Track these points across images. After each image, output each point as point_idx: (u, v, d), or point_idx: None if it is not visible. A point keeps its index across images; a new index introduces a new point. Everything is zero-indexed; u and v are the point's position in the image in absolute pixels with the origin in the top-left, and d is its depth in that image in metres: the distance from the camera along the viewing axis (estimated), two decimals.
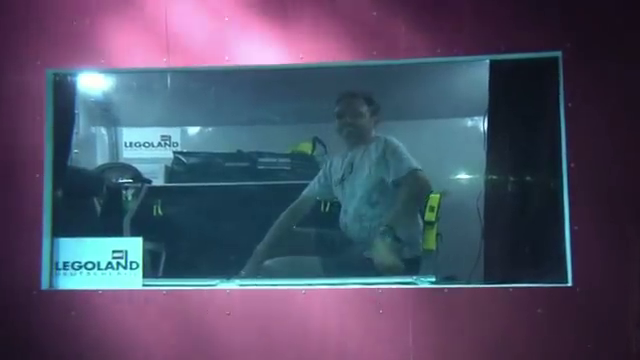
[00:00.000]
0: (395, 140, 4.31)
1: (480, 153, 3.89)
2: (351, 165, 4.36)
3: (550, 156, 3.58)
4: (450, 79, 4.95)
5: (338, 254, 4.24)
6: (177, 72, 4.25)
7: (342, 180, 4.41)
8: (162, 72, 4.33)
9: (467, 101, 4.88)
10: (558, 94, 3.47)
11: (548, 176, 3.63)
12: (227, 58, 3.62)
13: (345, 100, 4.41)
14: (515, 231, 3.72)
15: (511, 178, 3.77)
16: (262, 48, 3.62)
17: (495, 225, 3.78)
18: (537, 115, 3.66)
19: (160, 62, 3.64)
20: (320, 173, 4.63)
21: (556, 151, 3.48)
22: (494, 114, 3.81)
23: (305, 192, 4.57)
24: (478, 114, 4.40)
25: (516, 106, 3.73)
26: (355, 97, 4.40)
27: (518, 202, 3.73)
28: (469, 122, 5.46)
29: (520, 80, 3.69)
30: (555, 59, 3.48)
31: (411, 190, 4.15)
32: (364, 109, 4.37)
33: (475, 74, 4.27)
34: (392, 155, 4.23)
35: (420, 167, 4.19)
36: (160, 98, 5.36)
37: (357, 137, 4.40)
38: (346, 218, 4.35)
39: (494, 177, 3.82)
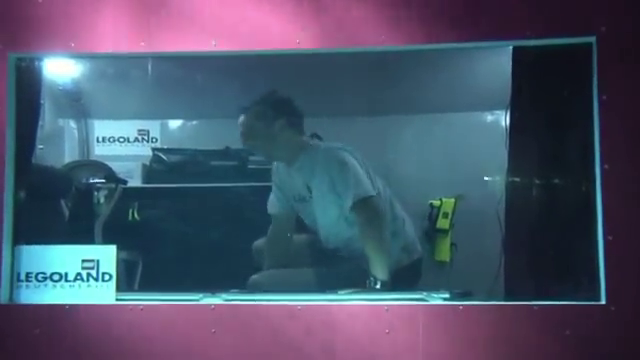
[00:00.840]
0: (336, 152, 4.14)
1: (501, 152, 3.88)
2: (307, 187, 4.24)
3: (581, 156, 3.57)
4: (468, 68, 4.95)
5: (333, 266, 4.22)
6: (157, 58, 4.23)
7: (302, 200, 4.32)
8: (140, 58, 4.32)
9: (487, 93, 4.87)
10: (591, 85, 3.45)
11: (579, 179, 3.62)
12: (214, 43, 3.60)
13: (240, 120, 4.29)
14: (540, 241, 3.70)
15: (536, 181, 3.76)
16: (254, 31, 3.60)
17: (518, 234, 3.77)
18: (566, 109, 3.65)
19: (138, 46, 3.62)
20: (273, 186, 4.51)
21: (588, 150, 3.46)
22: (517, 108, 3.80)
23: (272, 210, 4.46)
24: (499, 108, 4.39)
25: (542, 99, 3.72)
26: (247, 112, 4.27)
27: (544, 208, 3.72)
28: (489, 117, 5.44)
29: (547, 69, 3.68)
30: (588, 45, 3.46)
31: (364, 228, 4.03)
32: (259, 123, 4.23)
33: (496, 62, 4.27)
34: (337, 177, 4.09)
35: (367, 192, 4.04)
36: (138, 87, 5.35)
37: (272, 155, 4.33)
38: (330, 244, 4.32)
39: (517, 179, 3.81)
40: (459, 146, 5.35)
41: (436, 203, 4.88)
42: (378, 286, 3.91)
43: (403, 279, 4.02)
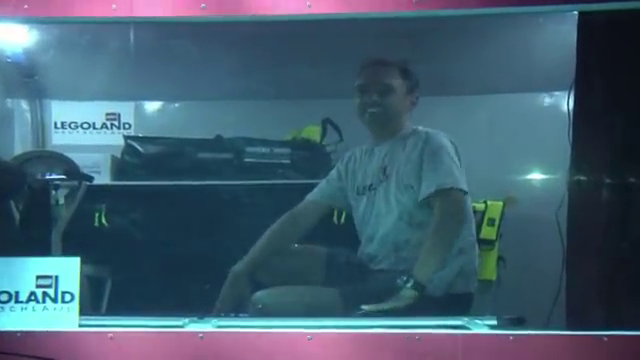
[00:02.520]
0: (440, 137, 4.28)
1: (562, 143, 3.89)
2: (383, 170, 4.35)
3: None
4: (520, 39, 4.94)
5: (359, 286, 4.23)
6: (133, 25, 4.23)
7: (369, 189, 4.40)
8: (110, 24, 4.32)
9: (544, 70, 4.88)
10: None
11: None
12: (204, 6, 3.61)
13: (370, 69, 4.40)
14: (612, 255, 3.70)
15: (607, 179, 3.75)
16: None
17: (583, 246, 3.77)
18: None
19: (108, 10, 3.62)
20: (333, 171, 4.61)
21: None
22: (583, 89, 3.81)
23: (311, 196, 4.55)
24: (560, 88, 4.39)
25: (616, 78, 3.71)
26: (385, 66, 4.39)
27: (617, 214, 3.72)
28: (546, 99, 5.45)
29: (622, 41, 3.67)
30: None
31: (438, 221, 4.11)
32: (397, 83, 4.36)
33: (557, 32, 4.26)
34: (429, 160, 4.22)
35: (459, 185, 4.15)
36: (106, 61, 5.35)
37: (385, 123, 4.39)
38: (371, 247, 4.34)
39: (582, 178, 3.82)
40: (508, 136, 5.36)
41: (479, 207, 4.85)
42: (409, 285, 3.93)
43: (448, 309, 4.01)
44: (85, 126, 5.91)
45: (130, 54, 5.07)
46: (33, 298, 3.58)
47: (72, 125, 5.91)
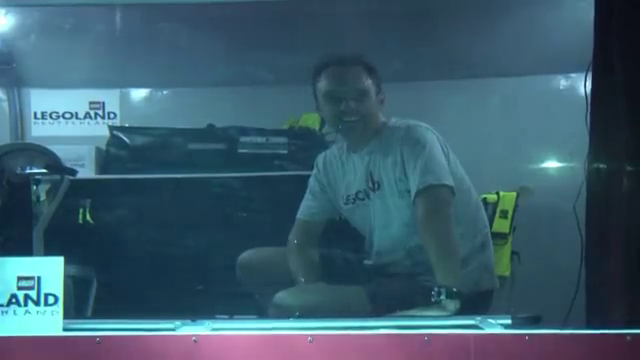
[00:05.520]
0: (417, 131, 4.22)
1: (580, 128, 3.89)
2: (371, 179, 4.31)
3: None
4: (534, 17, 4.94)
5: (384, 285, 4.23)
6: (116, 7, 4.24)
7: (358, 198, 4.38)
8: (93, 7, 4.32)
9: (559, 50, 4.87)
10: None
11: None
12: None
13: (337, 72, 4.34)
14: (633, 250, 3.69)
15: (628, 168, 3.75)
16: None
17: (602, 240, 3.77)
18: None
19: None
20: (312, 183, 4.56)
21: None
22: (602, 70, 3.80)
23: (302, 215, 4.51)
24: (576, 69, 4.38)
25: (636, 58, 3.70)
26: (352, 67, 4.32)
27: (638, 205, 3.71)
28: (562, 81, 5.45)
29: None
30: None
31: (421, 223, 4.09)
32: (368, 85, 4.29)
33: (573, 9, 4.25)
34: (408, 160, 4.18)
35: (437, 180, 4.09)
36: (89, 45, 5.35)
37: (363, 130, 4.34)
38: (384, 257, 4.33)
39: (601, 166, 3.81)
40: (522, 121, 5.36)
41: (491, 198, 4.87)
42: (442, 297, 3.92)
43: (476, 307, 4.01)
44: (67, 116, 5.91)
45: (115, 38, 5.08)
46: (14, 301, 3.58)
47: (53, 115, 5.91)
